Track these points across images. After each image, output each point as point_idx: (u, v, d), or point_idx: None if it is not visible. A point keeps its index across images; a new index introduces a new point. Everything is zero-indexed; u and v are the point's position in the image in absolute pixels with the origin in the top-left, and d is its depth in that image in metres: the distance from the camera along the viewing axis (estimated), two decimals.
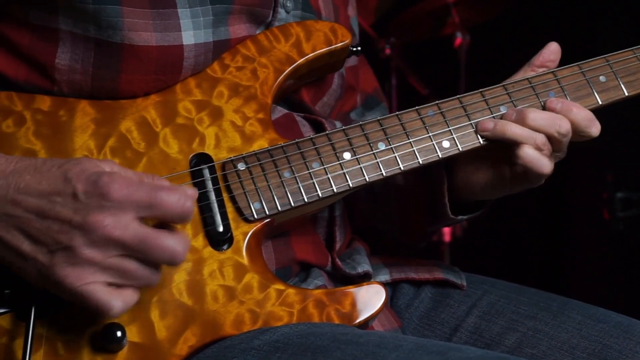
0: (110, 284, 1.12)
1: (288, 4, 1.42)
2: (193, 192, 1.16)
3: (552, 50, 1.48)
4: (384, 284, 1.44)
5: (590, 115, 1.40)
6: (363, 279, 1.45)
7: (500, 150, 1.40)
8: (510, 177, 1.42)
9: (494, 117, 1.40)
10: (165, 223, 1.16)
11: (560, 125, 1.37)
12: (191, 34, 1.30)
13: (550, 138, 1.37)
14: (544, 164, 1.37)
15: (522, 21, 4.27)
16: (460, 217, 1.49)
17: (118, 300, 1.12)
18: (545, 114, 1.38)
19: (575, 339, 1.40)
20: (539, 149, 1.36)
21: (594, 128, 1.40)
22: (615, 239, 3.59)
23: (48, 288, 1.14)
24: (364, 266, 1.46)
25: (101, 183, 1.11)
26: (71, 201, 1.11)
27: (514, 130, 1.37)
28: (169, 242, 1.13)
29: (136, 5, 1.27)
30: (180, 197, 1.13)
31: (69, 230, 1.11)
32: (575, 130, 1.39)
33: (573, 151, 1.44)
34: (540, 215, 4.52)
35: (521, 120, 1.37)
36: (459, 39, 3.91)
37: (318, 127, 1.45)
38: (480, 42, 4.00)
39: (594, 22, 4.17)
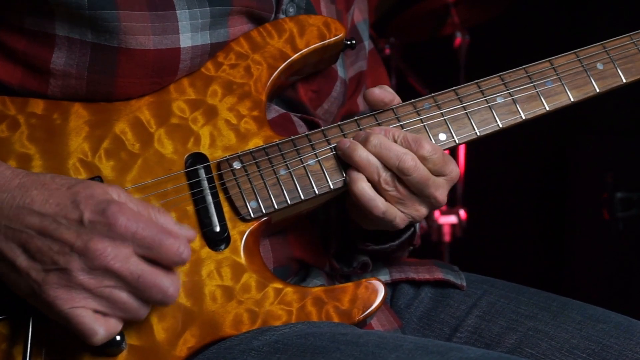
0: (97, 311, 1.12)
1: (290, 10, 1.41)
2: (193, 235, 1.17)
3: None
4: (384, 284, 1.44)
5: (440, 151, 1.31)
6: (363, 269, 1.44)
7: None
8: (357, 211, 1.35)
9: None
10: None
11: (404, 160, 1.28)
12: (188, 36, 1.29)
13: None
14: (377, 205, 1.28)
15: (522, 21, 4.27)
16: (371, 246, 1.45)
17: (102, 328, 1.12)
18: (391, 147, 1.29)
19: (575, 339, 1.38)
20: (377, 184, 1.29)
21: (452, 166, 1.31)
22: (615, 239, 3.58)
23: (35, 305, 1.14)
24: (360, 257, 1.45)
25: (109, 213, 1.11)
26: (76, 225, 1.11)
27: (360, 154, 1.29)
28: (164, 282, 1.13)
29: (134, 8, 1.26)
30: (181, 246, 1.13)
31: (68, 252, 1.10)
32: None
33: (573, 151, 1.42)
34: (541, 215, 4.51)
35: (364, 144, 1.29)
36: (458, 39, 3.92)
37: (314, 128, 1.44)
38: (480, 42, 4.00)
39: (594, 22, 4.17)
